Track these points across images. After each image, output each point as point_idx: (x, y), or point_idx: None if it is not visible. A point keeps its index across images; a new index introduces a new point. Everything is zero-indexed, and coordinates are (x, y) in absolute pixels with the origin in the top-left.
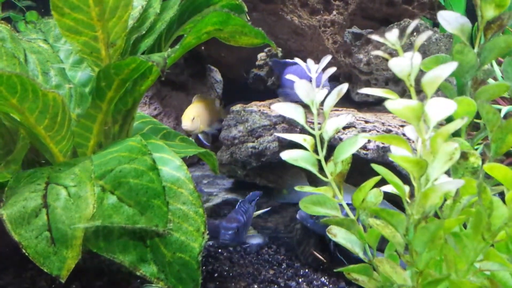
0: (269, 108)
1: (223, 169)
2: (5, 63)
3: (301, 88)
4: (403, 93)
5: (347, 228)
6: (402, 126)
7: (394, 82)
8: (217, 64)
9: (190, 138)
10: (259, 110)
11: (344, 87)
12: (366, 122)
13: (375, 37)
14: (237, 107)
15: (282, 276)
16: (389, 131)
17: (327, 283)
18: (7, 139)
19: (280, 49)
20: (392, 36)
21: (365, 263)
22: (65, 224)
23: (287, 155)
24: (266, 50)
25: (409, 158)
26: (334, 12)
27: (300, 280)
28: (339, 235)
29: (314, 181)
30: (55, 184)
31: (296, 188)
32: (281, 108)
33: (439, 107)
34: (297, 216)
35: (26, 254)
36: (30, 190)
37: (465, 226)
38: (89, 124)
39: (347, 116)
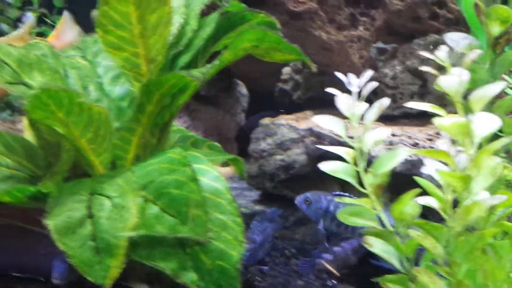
0: (297, 121)
1: (252, 181)
2: (48, 78)
3: (342, 102)
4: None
5: (386, 239)
6: (429, 139)
7: (420, 96)
8: (243, 79)
9: (218, 144)
10: (287, 124)
11: (384, 101)
12: (393, 135)
13: (424, 53)
14: (266, 120)
15: (311, 286)
16: (416, 144)
17: None
18: (48, 152)
19: (315, 65)
20: (441, 53)
21: (402, 274)
22: (109, 233)
23: (327, 167)
24: (291, 64)
25: (454, 173)
26: (361, 28)
27: None
28: (376, 246)
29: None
30: (98, 195)
31: (336, 198)
32: (322, 120)
33: (485, 123)
34: (295, 201)
35: (71, 263)
36: (74, 201)
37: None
38: (128, 137)
39: (386, 130)
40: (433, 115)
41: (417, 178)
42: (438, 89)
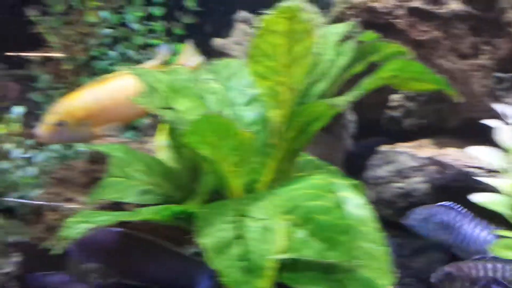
0: (416, 149)
1: None
2: (193, 103)
3: (504, 133)
4: None
5: None
6: None
7: None
8: (356, 104)
9: (337, 169)
10: (407, 151)
11: None
12: None
13: None
14: (385, 147)
15: None
16: None
17: None
18: (184, 173)
19: (462, 98)
20: None
21: None
22: (258, 255)
23: (480, 198)
24: (402, 91)
25: None
26: (483, 57)
27: None
28: None
29: None
30: (245, 217)
31: (493, 232)
32: (479, 152)
33: None
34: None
35: (222, 281)
36: (223, 222)
37: None
38: (266, 161)
39: None
40: None
41: None
42: None
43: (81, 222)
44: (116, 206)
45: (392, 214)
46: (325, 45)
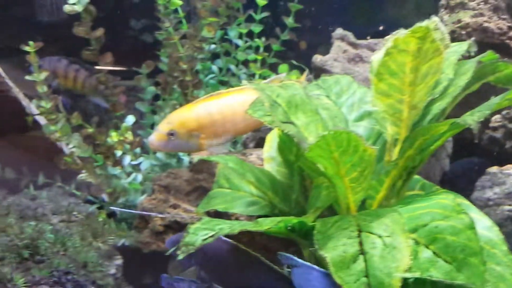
0: None
1: None
2: (310, 118)
3: None
4: None
5: None
6: None
7: None
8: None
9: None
10: None
11: None
12: None
13: None
14: (494, 169)
15: None
16: None
17: None
18: (300, 189)
19: None
20: None
21: None
22: (382, 272)
23: None
24: (504, 112)
25: None
26: None
27: None
28: None
29: None
30: (368, 233)
31: None
32: None
33: None
34: None
35: None
36: (345, 236)
37: None
38: (382, 178)
39: None
40: None
41: None
42: None
43: (205, 229)
44: (219, 216)
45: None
46: (445, 64)
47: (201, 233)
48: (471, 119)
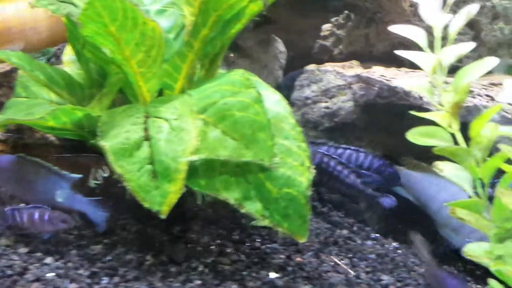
0: (344, 68)
1: None
2: None
3: (425, 9)
4: None
5: (460, 160)
6: (485, 88)
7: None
8: (281, 35)
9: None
10: (334, 70)
11: (473, 7)
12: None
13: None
14: (311, 66)
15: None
16: (471, 91)
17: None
18: (90, 83)
19: None
20: None
21: (475, 199)
22: (168, 157)
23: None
24: (333, 20)
25: None
26: None
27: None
28: (446, 170)
29: None
30: (155, 118)
31: None
32: (400, 29)
33: None
34: None
35: (128, 187)
36: (130, 123)
37: None
38: (179, 63)
39: (469, 43)
40: None
41: None
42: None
43: None
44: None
45: (317, 136)
46: None
47: None
48: None
